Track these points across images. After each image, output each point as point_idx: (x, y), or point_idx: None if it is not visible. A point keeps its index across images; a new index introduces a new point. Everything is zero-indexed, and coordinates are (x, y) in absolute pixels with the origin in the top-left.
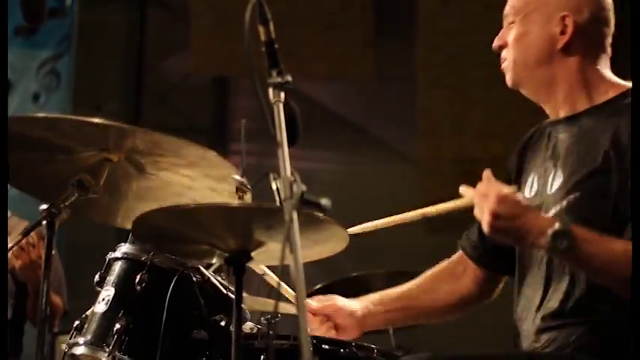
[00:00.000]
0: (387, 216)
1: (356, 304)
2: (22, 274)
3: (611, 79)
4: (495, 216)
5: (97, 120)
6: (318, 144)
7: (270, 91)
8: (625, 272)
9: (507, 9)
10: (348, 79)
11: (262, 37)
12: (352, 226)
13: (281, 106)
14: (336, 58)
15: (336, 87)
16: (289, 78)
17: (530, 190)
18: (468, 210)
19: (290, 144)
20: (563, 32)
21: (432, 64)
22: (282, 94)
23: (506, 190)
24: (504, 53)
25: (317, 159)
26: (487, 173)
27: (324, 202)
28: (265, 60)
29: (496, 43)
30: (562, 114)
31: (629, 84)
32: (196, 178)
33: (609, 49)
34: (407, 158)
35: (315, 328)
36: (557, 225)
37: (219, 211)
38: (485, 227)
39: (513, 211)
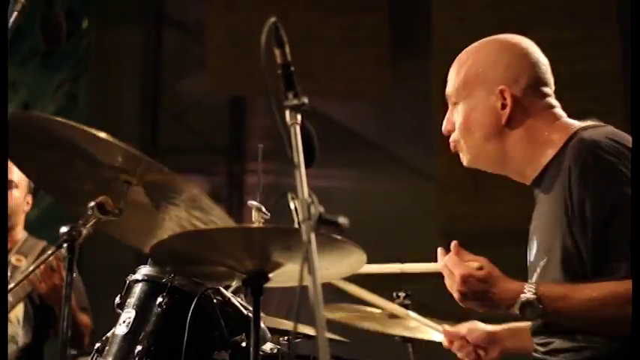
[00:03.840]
0: (403, 232)
1: (487, 326)
2: (48, 299)
3: (560, 125)
4: (462, 294)
5: (111, 139)
6: (335, 162)
7: (287, 113)
8: (601, 315)
9: (449, 89)
10: (364, 96)
11: (278, 60)
12: (371, 243)
13: (298, 128)
14: (352, 76)
15: (353, 105)
16: (306, 100)
17: (527, 260)
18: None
19: (307, 166)
20: (503, 106)
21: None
22: (299, 117)
23: (470, 267)
24: (453, 136)
25: (334, 177)
26: (453, 246)
27: (342, 220)
28: (282, 82)
29: (446, 126)
30: (529, 178)
31: (577, 124)
32: (206, 222)
33: (554, 102)
34: (424, 175)
35: (462, 357)
36: (522, 297)
37: (236, 232)
38: (458, 302)
39: (478, 289)
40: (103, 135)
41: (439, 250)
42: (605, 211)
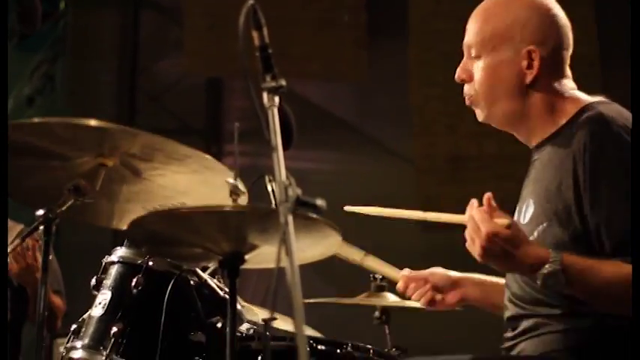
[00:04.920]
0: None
1: (451, 272)
2: (20, 279)
3: (573, 97)
4: (485, 252)
5: (94, 123)
6: (312, 144)
7: (265, 95)
8: (617, 294)
9: (470, 39)
10: (342, 78)
11: (256, 42)
12: (348, 225)
13: (275, 110)
14: (330, 58)
15: (330, 87)
16: (283, 82)
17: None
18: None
19: (285, 148)
20: (530, 66)
21: (424, 63)
22: (277, 99)
23: (499, 224)
24: (468, 88)
25: (311, 159)
26: (486, 199)
27: (319, 202)
28: (260, 64)
29: (460, 75)
30: (533, 141)
31: (589, 98)
32: (192, 185)
33: (568, 71)
34: (401, 157)
35: (415, 298)
36: (546, 267)
37: (212, 214)
38: (476, 258)
39: (503, 249)
40: (78, 121)
41: (473, 201)
42: (621, 189)
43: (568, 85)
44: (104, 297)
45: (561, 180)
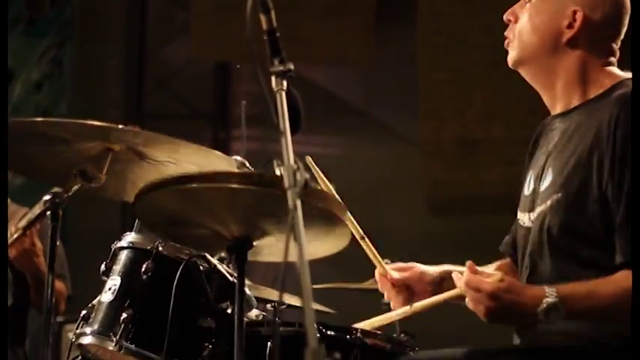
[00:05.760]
0: (389, 199)
1: (435, 270)
2: (17, 264)
3: (609, 70)
4: (491, 310)
5: (96, 123)
6: (321, 128)
7: (273, 79)
8: (621, 311)
9: None
10: (350, 62)
11: (264, 26)
12: (356, 210)
13: (283, 94)
14: (338, 42)
15: (338, 71)
16: (291, 66)
17: (528, 187)
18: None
19: (293, 132)
20: (570, 26)
21: (432, 47)
22: (285, 83)
23: (494, 282)
24: (508, 31)
25: (319, 143)
26: (469, 266)
27: None
28: (267, 48)
29: (507, 15)
30: (558, 108)
31: (626, 74)
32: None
33: (617, 51)
34: (409, 141)
35: (392, 299)
36: (545, 301)
37: (222, 191)
38: (482, 318)
39: (507, 301)
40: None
41: (454, 274)
42: None
43: (611, 61)
44: (114, 282)
45: (582, 154)
